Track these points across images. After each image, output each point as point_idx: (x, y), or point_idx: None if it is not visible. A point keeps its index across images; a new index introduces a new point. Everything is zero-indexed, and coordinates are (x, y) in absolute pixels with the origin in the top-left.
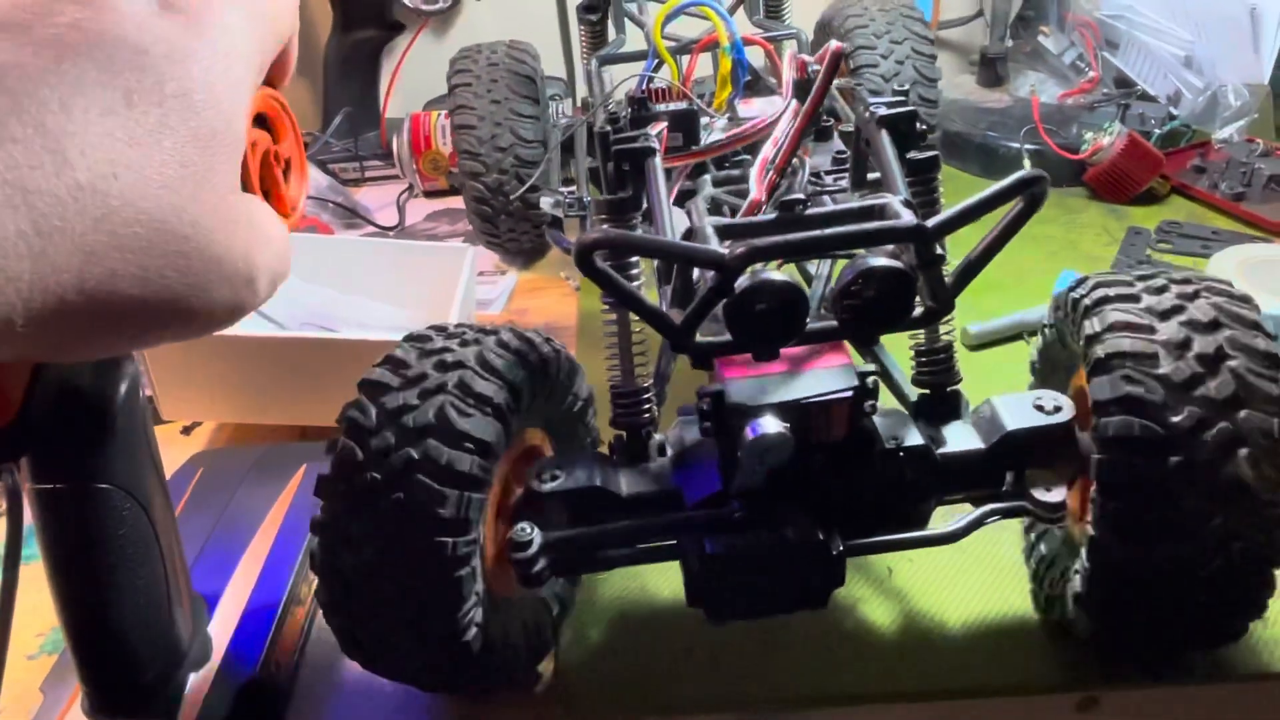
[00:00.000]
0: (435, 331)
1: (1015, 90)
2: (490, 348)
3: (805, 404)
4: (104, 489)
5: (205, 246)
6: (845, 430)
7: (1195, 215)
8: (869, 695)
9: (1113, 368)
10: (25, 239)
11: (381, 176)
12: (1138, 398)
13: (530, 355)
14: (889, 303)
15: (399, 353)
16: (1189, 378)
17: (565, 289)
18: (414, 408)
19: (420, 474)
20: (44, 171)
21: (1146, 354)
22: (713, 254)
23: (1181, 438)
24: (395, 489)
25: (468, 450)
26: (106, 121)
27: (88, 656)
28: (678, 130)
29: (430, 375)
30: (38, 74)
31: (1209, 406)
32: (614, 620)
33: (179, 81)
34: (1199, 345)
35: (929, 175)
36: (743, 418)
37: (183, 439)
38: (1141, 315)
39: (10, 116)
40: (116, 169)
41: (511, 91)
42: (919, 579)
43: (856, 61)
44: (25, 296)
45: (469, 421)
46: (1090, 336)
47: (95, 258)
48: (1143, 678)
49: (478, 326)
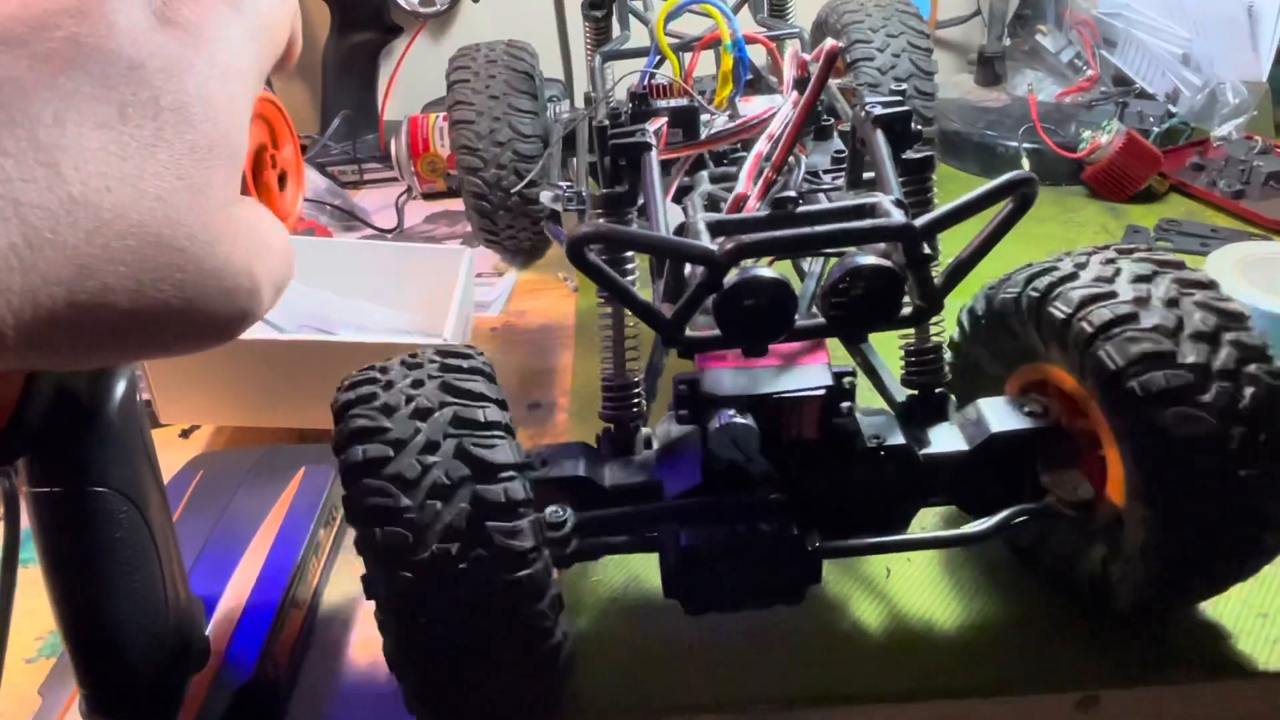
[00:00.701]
0: (378, 388)
1: (1013, 89)
2: (449, 378)
3: (776, 399)
4: (100, 492)
5: (203, 259)
6: (816, 429)
7: (1194, 213)
8: (868, 695)
9: (1111, 336)
10: (16, 251)
11: (380, 179)
12: (1153, 353)
13: (485, 368)
14: (877, 301)
15: (362, 423)
16: (1176, 323)
17: (564, 290)
18: (432, 465)
19: (488, 519)
20: (36, 185)
21: (1129, 314)
22: (702, 249)
23: (1204, 376)
24: (469, 547)
25: (508, 477)
26: (100, 135)
27: (85, 659)
28: (678, 126)
29: (421, 427)
30: (33, 88)
31: (1203, 341)
32: (611, 619)
33: (175, 95)
34: (1158, 294)
35: (923, 175)
36: (713, 407)
37: (181, 442)
38: (1097, 285)
39: (3, 130)
40: (109, 182)
41: (510, 87)
42: (917, 578)
43: (853, 55)
44: (15, 309)
45: (494, 451)
46: (1064, 321)
47: (87, 271)
48: (1141, 676)
49: (404, 362)
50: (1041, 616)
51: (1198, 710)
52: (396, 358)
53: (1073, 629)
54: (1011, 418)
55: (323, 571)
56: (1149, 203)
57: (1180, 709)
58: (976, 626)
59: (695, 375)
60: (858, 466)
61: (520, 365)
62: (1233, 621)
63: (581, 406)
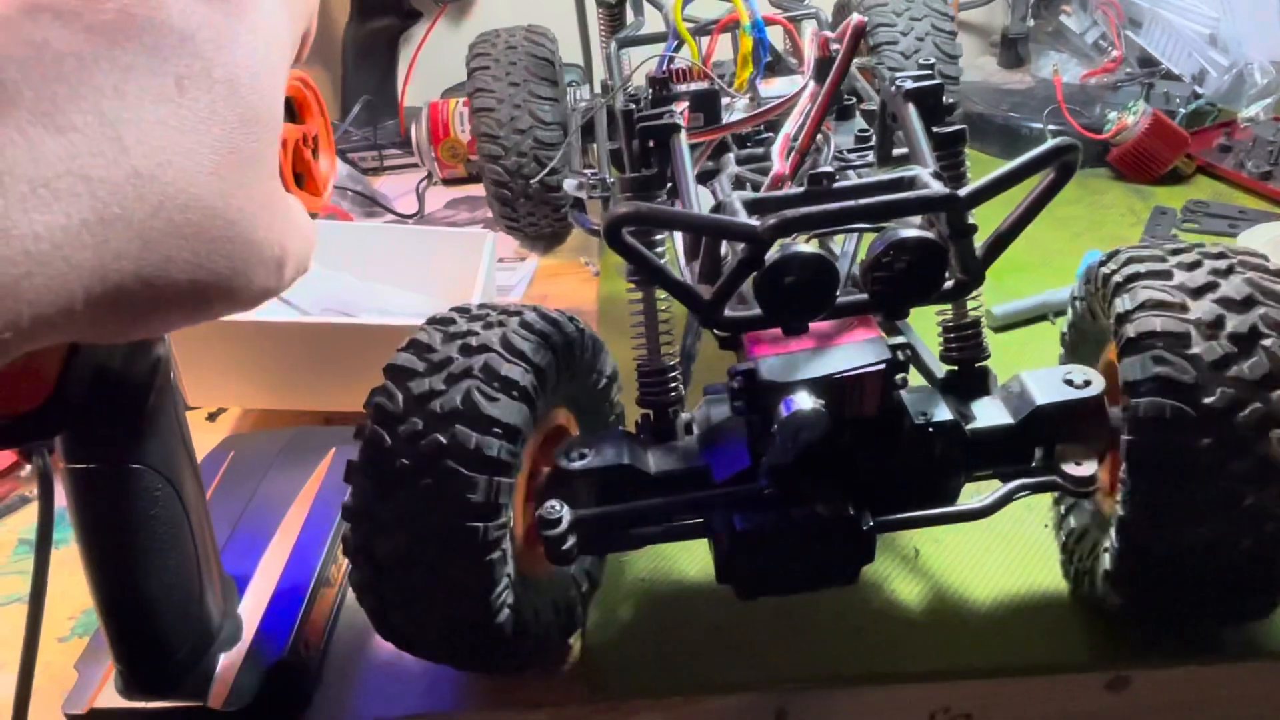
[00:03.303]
0: (459, 314)
1: (1037, 71)
2: (514, 330)
3: (839, 379)
4: (138, 469)
5: (248, 231)
6: (877, 404)
7: (1221, 194)
8: (896, 675)
9: (1144, 347)
10: (89, 228)
11: (400, 165)
12: (1169, 379)
13: (554, 336)
14: (920, 274)
15: (423, 336)
16: (1221, 358)
17: (585, 274)
18: (440, 393)
19: (449, 459)
20: (104, 159)
21: (1177, 333)
22: (745, 226)
23: (1213, 419)
24: (425, 475)
25: (496, 435)
26: (160, 109)
27: (120, 635)
28: (699, 110)
29: (456, 360)
30: (92, 61)
31: (1242, 387)
32: (641, 599)
33: (225, 68)
34: (1232, 324)
35: (956, 149)
36: (776, 395)
37: (208, 425)
38: (1173, 293)
39: (69, 103)
40: (171, 156)
41: (530, 74)
42: (946, 558)
43: (875, 39)
44: (87, 284)
45: (496, 406)
46: (1121, 315)
47: (152, 245)
48: (1173, 657)
49: (501, 308)
50: (1071, 596)
51: (1230, 691)
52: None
53: (1103, 610)
54: (1055, 389)
55: None
56: (1175, 184)
57: (1212, 690)
58: (1005, 606)
59: (750, 365)
60: (907, 444)
61: None
62: None
63: None
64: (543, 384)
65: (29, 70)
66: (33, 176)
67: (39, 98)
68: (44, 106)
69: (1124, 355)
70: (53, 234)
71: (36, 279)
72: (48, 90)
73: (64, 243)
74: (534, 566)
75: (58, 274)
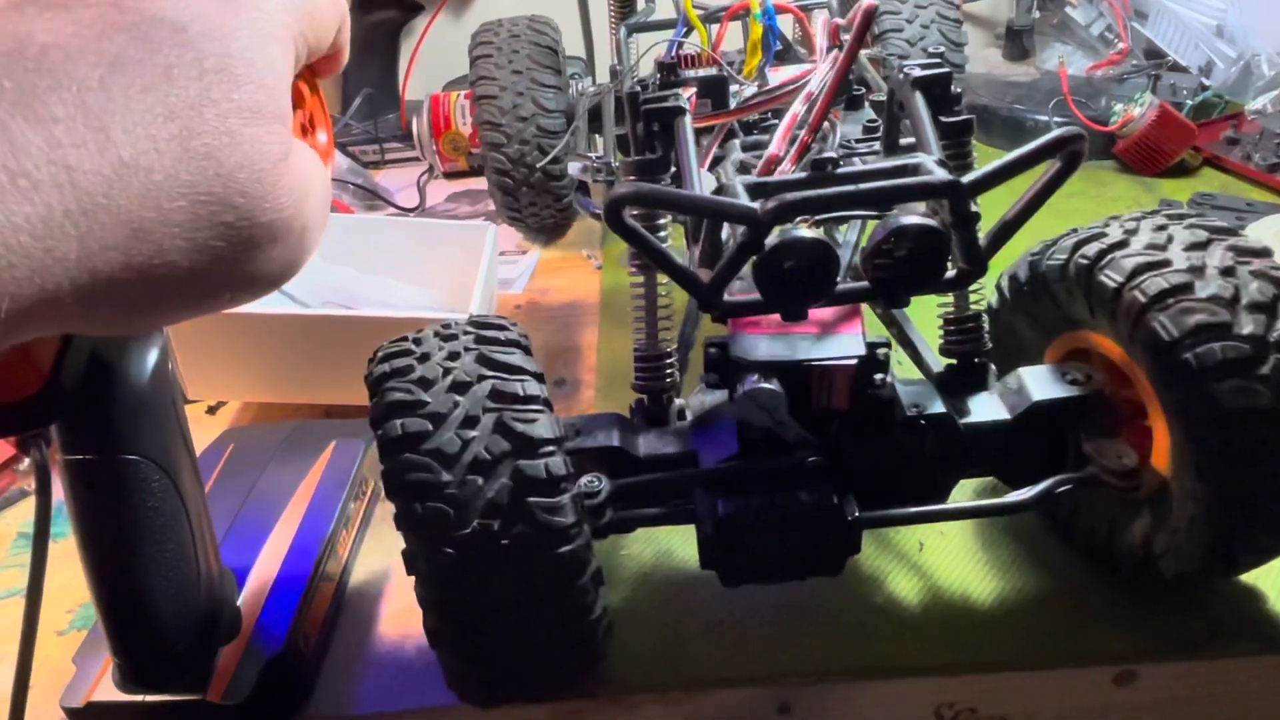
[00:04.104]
0: (413, 360)
1: (1042, 63)
2: (484, 350)
3: (805, 366)
4: (134, 460)
5: (256, 214)
6: (847, 399)
7: (1228, 187)
8: (901, 669)
9: (1165, 306)
10: (71, 218)
11: (401, 158)
12: (1209, 324)
13: (522, 340)
14: (922, 262)
15: (400, 396)
16: (1233, 293)
17: (588, 267)
18: (472, 440)
19: (530, 495)
20: (87, 150)
21: (1184, 284)
22: (744, 208)
23: (1261, 348)
24: (511, 523)
25: (549, 453)
26: (147, 97)
27: (118, 627)
28: (707, 96)
29: (460, 401)
30: (78, 53)
31: (1260, 311)
32: (642, 593)
33: (218, 58)
34: (1213, 262)
35: (962, 138)
36: (741, 372)
37: (208, 418)
38: (1150, 253)
39: (52, 95)
40: (158, 144)
41: (533, 62)
42: (951, 551)
43: (881, 26)
44: (73, 275)
45: (535, 426)
46: (1115, 290)
47: (142, 234)
48: (1180, 651)
49: (438, 334)
50: (1078, 590)
51: (1237, 685)
52: (429, 328)
53: (1110, 602)
54: (1054, 386)
55: (353, 545)
56: (1182, 177)
57: (1219, 684)
58: (1011, 600)
59: (725, 338)
60: (898, 436)
61: (545, 342)
62: (1275, 595)
63: (608, 383)
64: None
65: (10, 62)
66: (12, 168)
67: (19, 88)
68: (24, 98)
69: (1140, 323)
70: (33, 225)
71: (18, 271)
72: (29, 81)
73: (45, 234)
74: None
75: (40, 266)
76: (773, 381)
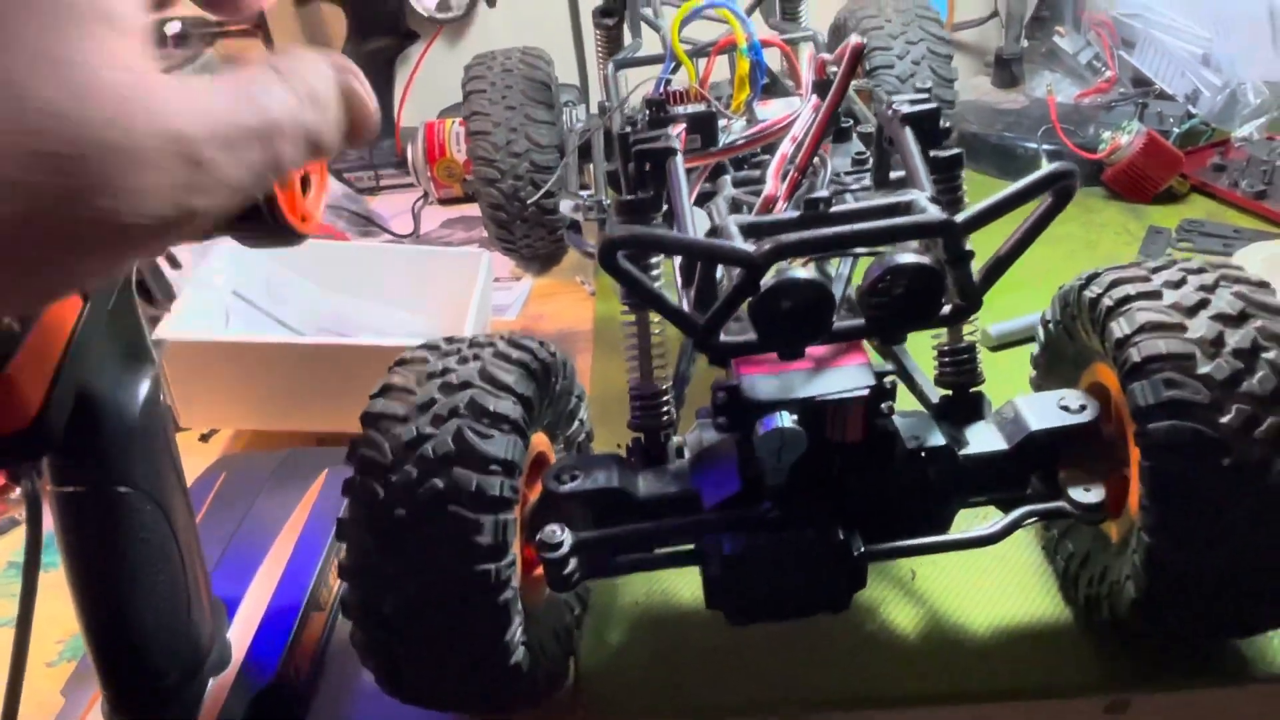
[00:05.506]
0: (429, 351)
1: (1031, 91)
2: (491, 361)
3: (820, 402)
4: (124, 492)
5: (101, 138)
6: (861, 430)
7: (1215, 214)
8: (894, 698)
9: (1152, 371)
10: None
11: (396, 185)
12: (1183, 401)
13: (532, 364)
14: (917, 300)
15: (396, 379)
16: (1230, 375)
17: (581, 294)
18: (430, 436)
19: (452, 504)
20: None
21: (1183, 354)
22: (740, 251)
23: (1231, 438)
24: (427, 523)
25: (494, 473)
26: None
27: (107, 658)
28: (696, 132)
29: (438, 400)
30: None
31: (1254, 403)
32: (635, 623)
33: None
34: (1233, 340)
35: (953, 173)
36: (757, 413)
37: (201, 446)
38: (1169, 313)
39: None
40: None
41: (526, 97)
42: (944, 580)
43: (872, 63)
44: None
45: (491, 443)
46: (1121, 340)
47: None
48: (1172, 680)
49: (472, 340)
50: (1071, 620)
51: (1228, 714)
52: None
53: (1103, 632)
54: (1050, 415)
55: None
56: (1170, 203)
57: (1210, 713)
58: (1004, 629)
59: (734, 382)
60: (899, 469)
61: None
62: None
63: (601, 410)
64: (530, 414)
65: None
66: None
67: None
68: None
69: (1130, 380)
70: None
71: None
72: None
73: None
74: (532, 597)
75: None
76: (794, 420)
